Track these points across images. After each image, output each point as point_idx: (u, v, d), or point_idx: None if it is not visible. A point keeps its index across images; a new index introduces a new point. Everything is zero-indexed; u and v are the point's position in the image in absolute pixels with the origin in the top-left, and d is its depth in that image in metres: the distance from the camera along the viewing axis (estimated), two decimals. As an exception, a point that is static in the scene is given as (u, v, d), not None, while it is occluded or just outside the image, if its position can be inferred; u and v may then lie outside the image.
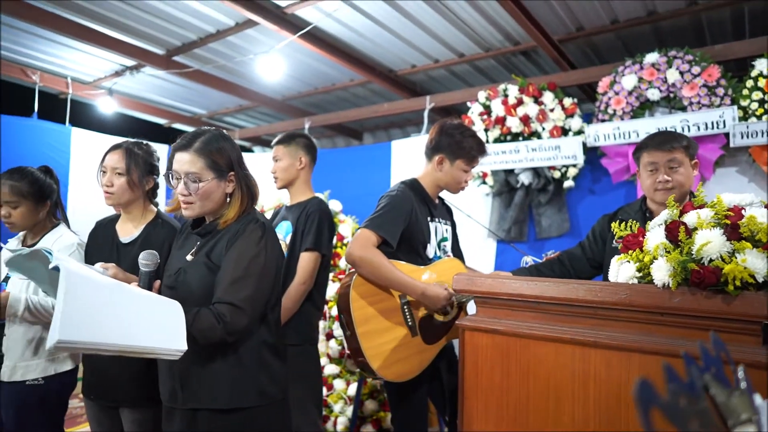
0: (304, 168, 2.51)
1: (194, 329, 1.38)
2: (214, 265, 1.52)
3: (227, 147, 1.59)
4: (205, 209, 1.58)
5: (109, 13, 3.90)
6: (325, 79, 4.99)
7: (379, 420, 3.14)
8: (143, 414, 1.89)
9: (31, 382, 2.02)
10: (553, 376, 1.41)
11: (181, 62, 4.63)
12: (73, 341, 1.13)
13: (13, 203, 2.09)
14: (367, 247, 1.97)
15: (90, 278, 1.28)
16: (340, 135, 6.69)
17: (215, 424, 1.50)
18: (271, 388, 1.56)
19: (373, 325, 1.96)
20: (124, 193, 1.96)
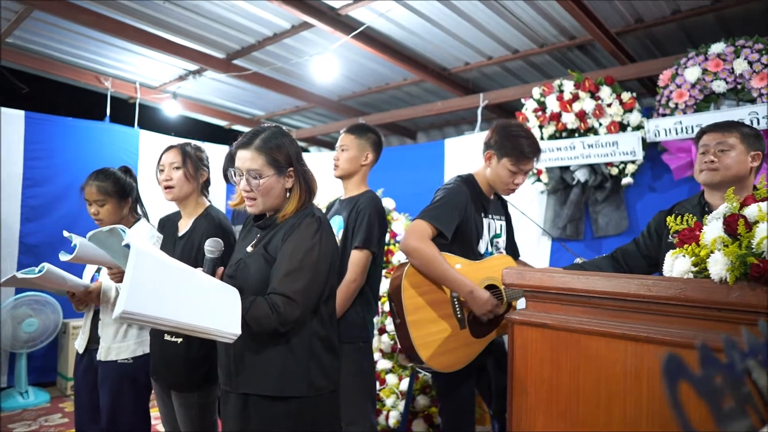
0: (367, 164, 2.49)
1: (249, 316, 1.44)
2: (271, 257, 1.58)
3: (286, 143, 1.64)
4: (267, 205, 1.63)
5: (174, 20, 4.11)
6: (379, 78, 5.06)
7: (431, 415, 3.15)
8: (188, 398, 2.01)
9: (122, 362, 2.19)
10: (604, 372, 1.39)
11: (240, 65, 4.81)
12: (136, 313, 1.21)
13: (100, 201, 2.27)
14: (423, 238, 1.99)
15: (157, 257, 1.38)
16: (393, 134, 6.74)
17: (265, 410, 1.55)
18: (321, 380, 1.59)
19: (422, 314, 1.99)
20: (183, 185, 2.11)
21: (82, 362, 2.35)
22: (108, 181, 2.30)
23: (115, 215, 2.32)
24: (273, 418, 1.54)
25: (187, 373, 1.94)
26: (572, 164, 3.85)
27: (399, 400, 3.26)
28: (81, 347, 2.35)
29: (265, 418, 1.55)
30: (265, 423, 1.54)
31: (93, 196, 2.28)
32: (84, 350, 2.33)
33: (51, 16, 3.98)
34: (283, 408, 1.54)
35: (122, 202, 2.34)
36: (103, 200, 2.29)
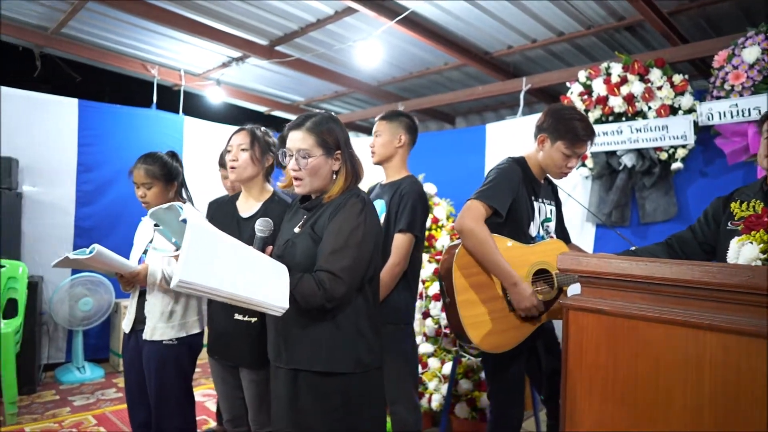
0: (402, 146, 2.52)
1: (297, 292, 1.50)
2: (317, 237, 1.63)
3: (335, 128, 1.70)
4: (314, 185, 1.69)
5: (219, 8, 4.17)
6: (420, 63, 5.03)
7: (474, 399, 3.18)
8: (258, 375, 2.07)
9: (167, 342, 2.28)
10: (663, 359, 1.38)
11: (282, 52, 4.86)
12: (192, 282, 1.28)
13: (147, 184, 2.35)
14: (477, 219, 2.00)
15: (212, 232, 1.45)
16: (432, 119, 6.71)
17: (314, 385, 1.61)
18: (367, 357, 1.64)
19: (472, 294, 2.00)
20: (247, 167, 2.13)
21: (129, 341, 2.43)
22: (155, 164, 2.37)
23: (161, 198, 2.38)
24: (322, 394, 1.60)
25: (260, 350, 2.01)
26: (619, 149, 3.77)
27: (441, 384, 3.30)
28: (128, 327, 2.42)
29: (314, 394, 1.61)
30: (315, 398, 1.60)
31: (141, 179, 2.36)
32: (131, 330, 2.42)
33: (103, 7, 4.10)
34: (331, 384, 1.60)
35: (168, 185, 2.41)
36: (150, 183, 2.36)
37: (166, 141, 5.28)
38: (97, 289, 4.47)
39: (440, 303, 3.25)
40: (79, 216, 4.78)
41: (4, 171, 4.05)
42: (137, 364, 2.37)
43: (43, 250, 4.53)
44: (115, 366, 4.76)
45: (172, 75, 5.60)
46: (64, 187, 4.70)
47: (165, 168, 2.38)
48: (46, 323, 4.48)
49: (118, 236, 4.85)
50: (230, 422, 2.27)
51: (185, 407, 2.36)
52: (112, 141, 4.94)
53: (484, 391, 3.21)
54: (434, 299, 3.30)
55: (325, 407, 1.59)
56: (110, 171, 4.91)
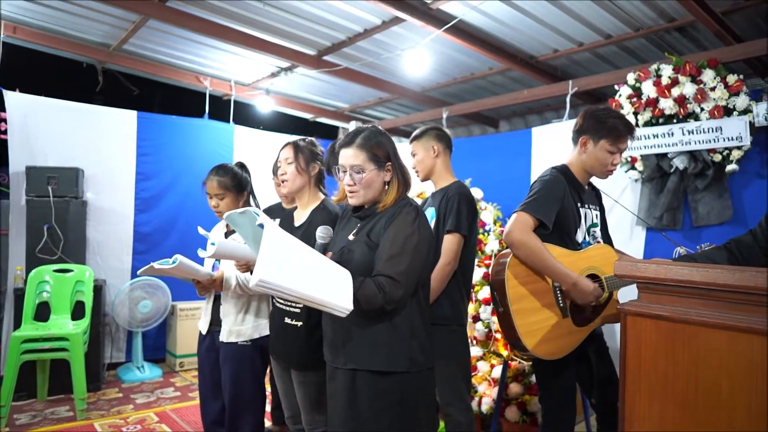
0: (438, 155, 2.62)
1: (359, 294, 1.58)
2: (373, 243, 1.73)
3: (384, 141, 1.81)
4: (368, 197, 1.79)
5: (269, 20, 4.33)
6: (464, 68, 5.07)
7: (524, 403, 3.19)
8: (306, 377, 2.17)
9: (242, 344, 2.43)
10: (726, 366, 1.38)
11: (330, 61, 4.98)
12: (270, 282, 1.37)
13: (220, 195, 2.49)
14: (526, 230, 2.05)
15: (285, 236, 1.56)
16: (475, 123, 6.72)
17: (372, 385, 1.69)
18: (420, 356, 1.72)
19: (526, 303, 2.04)
20: (295, 179, 2.25)
21: (205, 342, 2.58)
22: (227, 176, 2.51)
23: (232, 207, 2.50)
24: (379, 393, 1.68)
25: (306, 354, 2.11)
26: (670, 151, 3.71)
27: (491, 388, 3.33)
28: (204, 328, 2.58)
29: (372, 393, 1.68)
30: (373, 397, 1.68)
31: (214, 190, 2.50)
32: (207, 331, 2.57)
33: (162, 24, 4.32)
34: (388, 383, 1.68)
35: (239, 195, 2.54)
36: (223, 194, 2.50)
37: (218, 149, 5.49)
38: (155, 292, 4.69)
39: (490, 307, 3.28)
40: (138, 222, 5.02)
41: (71, 181, 4.30)
42: (212, 363, 2.51)
43: (105, 255, 4.79)
44: (171, 366, 4.96)
45: (223, 86, 5.81)
46: (124, 195, 4.95)
47: (236, 179, 2.51)
48: (109, 325, 4.72)
49: (173, 240, 5.09)
50: (290, 419, 2.38)
51: (257, 404, 2.50)
52: (167, 150, 5.17)
53: (534, 394, 3.22)
54: (484, 303, 3.33)
55: (382, 406, 1.67)
56: (166, 179, 5.14)
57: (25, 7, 4.24)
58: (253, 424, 2.49)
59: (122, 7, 3.98)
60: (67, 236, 4.23)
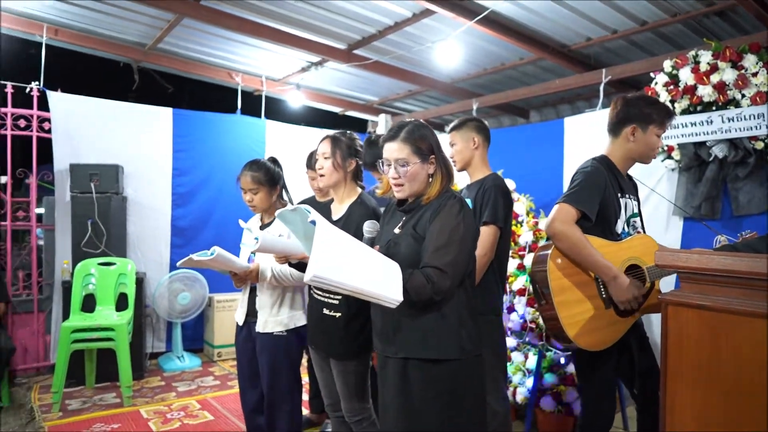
0: (478, 147, 2.63)
1: (409, 285, 1.62)
2: (419, 236, 1.76)
3: (427, 134, 1.84)
4: (413, 190, 1.82)
5: (299, 15, 4.37)
6: (495, 59, 5.04)
7: (559, 393, 3.20)
8: (346, 366, 2.22)
9: (277, 334, 2.49)
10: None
11: (360, 55, 5.01)
12: (323, 277, 1.42)
13: (254, 190, 2.54)
14: (568, 222, 2.06)
15: (337, 231, 1.60)
16: (505, 114, 6.67)
17: (424, 373, 1.73)
18: (469, 344, 1.75)
19: (568, 295, 2.05)
20: (332, 174, 2.28)
21: (242, 333, 2.66)
22: (260, 171, 2.55)
23: (266, 201, 2.57)
24: (431, 380, 1.72)
25: (346, 344, 2.16)
26: (709, 139, 3.63)
27: (525, 378, 3.34)
28: (240, 319, 2.65)
29: (424, 381, 1.72)
30: (425, 385, 1.72)
31: (248, 185, 2.55)
32: (243, 322, 2.64)
33: (195, 22, 4.41)
34: (439, 371, 1.71)
35: (272, 189, 2.59)
36: (257, 188, 2.55)
37: (250, 144, 5.59)
38: (193, 284, 4.83)
39: (524, 298, 3.29)
40: (175, 216, 5.16)
41: (111, 177, 4.45)
42: (249, 353, 2.58)
43: (145, 249, 4.95)
44: (209, 356, 5.11)
45: (254, 81, 5.90)
46: (161, 190, 5.09)
47: (269, 173, 2.56)
48: (150, 315, 4.88)
49: (209, 233, 5.21)
50: (330, 407, 2.44)
51: (294, 393, 2.56)
52: (202, 146, 5.29)
53: (569, 385, 3.22)
54: (518, 294, 3.34)
55: (434, 393, 1.71)
56: (201, 174, 5.27)
57: (65, 9, 4.38)
58: (290, 413, 2.56)
59: (158, 7, 4.09)
60: (110, 230, 4.39)
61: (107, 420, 3.52)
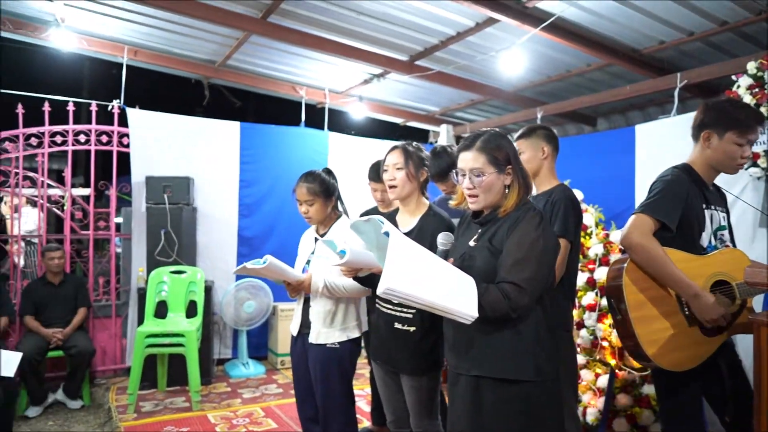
0: (547, 157, 2.53)
1: (484, 301, 1.55)
2: (496, 249, 1.69)
3: (504, 144, 1.76)
4: (488, 201, 1.76)
5: (361, 29, 4.43)
6: (560, 66, 4.91)
7: (634, 416, 3.02)
8: (418, 381, 2.18)
9: (330, 345, 2.47)
10: None
11: (422, 66, 5.01)
12: (397, 290, 1.39)
13: (309, 201, 2.54)
14: (645, 233, 1.94)
15: (411, 244, 1.56)
16: (571, 122, 6.48)
17: (497, 392, 1.65)
18: (547, 365, 1.66)
19: (646, 311, 1.93)
20: (405, 185, 2.25)
21: (297, 343, 2.65)
22: (315, 182, 2.54)
23: (322, 213, 2.56)
24: (504, 400, 1.64)
25: (419, 359, 2.12)
26: (799, 146, 3.36)
27: (596, 398, 3.18)
28: (295, 330, 2.65)
29: (497, 401, 1.65)
30: (497, 404, 1.65)
31: (303, 196, 2.54)
32: (297, 333, 2.64)
33: (263, 39, 4.56)
34: (513, 391, 1.64)
35: (327, 201, 2.58)
36: (312, 200, 2.54)
37: (313, 156, 5.69)
38: (258, 293, 4.95)
39: (595, 313, 3.14)
40: (241, 227, 5.32)
41: (183, 189, 4.64)
42: (304, 364, 2.58)
43: (213, 258, 5.11)
44: (273, 364, 5.20)
45: (317, 94, 6.03)
46: (228, 201, 5.27)
47: (324, 185, 2.55)
48: (217, 323, 5.03)
49: (273, 244, 5.33)
50: (393, 423, 2.40)
51: (348, 405, 2.54)
52: (268, 158, 5.44)
53: (644, 407, 3.04)
54: (588, 309, 3.20)
55: (507, 414, 1.64)
56: (266, 185, 5.41)
57: (144, 31, 4.65)
58: (344, 424, 2.52)
59: (228, 26, 4.26)
60: (181, 240, 4.58)
61: (178, 423, 3.64)
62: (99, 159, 4.85)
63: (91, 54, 5.15)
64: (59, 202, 4.77)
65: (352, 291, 2.40)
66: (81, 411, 3.95)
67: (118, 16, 4.37)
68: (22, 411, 3.78)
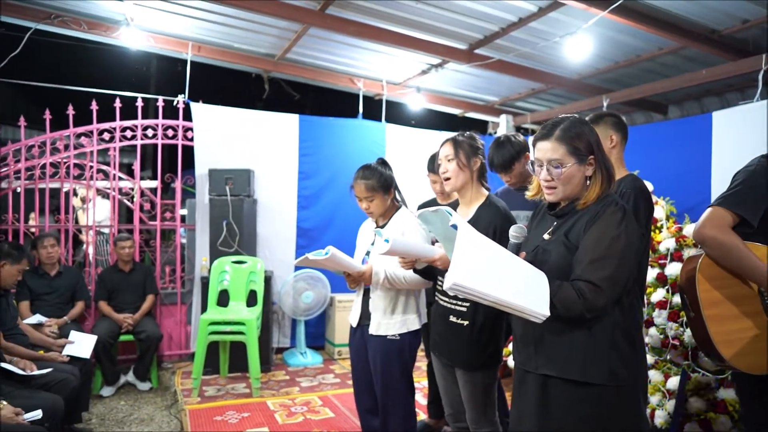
0: (615, 146, 2.40)
1: (557, 299, 1.47)
2: (572, 245, 1.59)
3: (586, 132, 1.64)
4: (567, 193, 1.65)
5: (419, 17, 4.36)
6: (629, 51, 4.66)
7: (708, 421, 2.84)
8: (472, 377, 2.12)
9: (390, 337, 2.46)
10: None
11: (482, 54, 4.89)
12: (464, 285, 1.33)
13: (369, 197, 2.50)
14: (721, 227, 1.79)
15: (480, 237, 1.51)
16: (639, 110, 6.16)
17: (566, 394, 1.58)
18: (622, 371, 1.56)
19: (722, 309, 1.79)
20: (458, 175, 2.20)
21: (356, 334, 2.65)
22: (373, 177, 2.49)
23: (382, 207, 2.52)
24: (573, 403, 1.57)
25: (474, 354, 2.07)
26: None
27: (665, 400, 3.01)
28: (354, 321, 2.64)
29: (564, 402, 1.58)
30: (565, 406, 1.58)
31: (362, 193, 2.50)
32: (357, 324, 2.64)
33: (321, 31, 4.58)
34: (583, 394, 1.56)
35: (386, 194, 2.53)
36: (371, 196, 2.50)
37: (371, 148, 5.68)
38: (316, 284, 5.01)
39: (665, 311, 2.97)
40: (300, 218, 5.39)
41: (244, 181, 4.75)
42: (363, 356, 2.58)
43: (272, 248, 5.21)
44: (330, 353, 5.26)
45: (375, 86, 6.01)
46: (287, 193, 5.35)
47: (381, 178, 2.51)
48: (276, 312, 5.14)
49: (332, 235, 5.37)
50: (451, 416, 2.36)
51: (408, 397, 2.52)
52: (326, 150, 5.48)
53: (721, 412, 2.85)
54: (658, 307, 3.02)
55: (577, 417, 1.56)
56: (325, 177, 5.46)
57: (207, 27, 4.77)
58: (403, 417, 2.51)
59: (288, 18, 4.30)
60: (242, 231, 4.69)
61: (238, 408, 3.74)
62: (165, 152, 5.04)
63: (158, 51, 5.35)
64: (129, 194, 4.99)
65: (412, 283, 2.38)
66: (149, 392, 4.13)
67: (182, 13, 4.50)
68: (97, 390, 4.01)
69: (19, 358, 2.93)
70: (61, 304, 4.06)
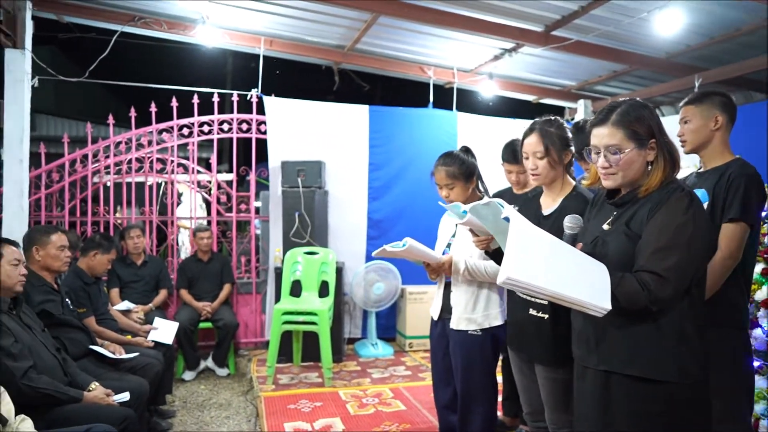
0: (720, 128, 2.18)
1: (618, 291, 1.40)
2: (634, 234, 1.52)
3: (646, 115, 1.55)
4: (626, 179, 1.57)
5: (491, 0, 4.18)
6: (727, 24, 4.24)
7: (825, 434, 2.55)
8: (554, 373, 2.00)
9: (472, 332, 2.39)
10: None
11: (559, 36, 4.64)
12: (518, 280, 1.28)
13: (449, 185, 2.43)
14: None
15: (534, 230, 1.45)
16: (737, 90, 5.63)
17: (629, 391, 1.49)
18: (693, 366, 1.47)
19: None
20: (548, 173, 2.05)
21: (437, 328, 2.60)
22: (454, 164, 2.42)
23: (463, 195, 2.44)
24: (638, 401, 1.48)
25: (554, 349, 1.95)
26: None
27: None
28: (435, 314, 2.59)
29: (629, 400, 1.50)
30: (629, 405, 1.50)
31: (443, 180, 2.43)
32: (438, 317, 2.57)
33: (390, 19, 4.51)
34: (650, 392, 1.47)
35: (468, 182, 2.45)
36: (452, 183, 2.43)
37: (442, 137, 5.56)
38: (387, 275, 4.98)
39: (773, 311, 2.69)
40: (371, 209, 5.38)
41: (315, 173, 4.80)
42: (443, 349, 2.52)
43: (343, 239, 5.24)
44: (401, 345, 5.23)
45: (445, 74, 5.88)
46: (358, 185, 5.35)
47: (463, 166, 2.43)
48: (347, 303, 5.16)
49: (403, 227, 5.32)
50: (529, 415, 2.25)
51: (489, 393, 2.44)
52: (396, 141, 5.42)
53: (838, 426, 2.54)
54: (763, 306, 2.74)
55: (641, 415, 1.47)
56: (395, 168, 5.41)
57: (278, 21, 4.83)
58: (484, 414, 2.43)
59: (357, 8, 4.26)
60: (314, 222, 4.74)
61: (311, 397, 3.79)
62: (240, 146, 5.18)
63: (232, 47, 5.49)
64: (207, 186, 5.18)
65: (494, 274, 2.28)
66: (227, 378, 4.28)
67: (255, 9, 4.58)
68: (179, 374, 4.20)
69: (110, 342, 3.10)
70: (146, 291, 4.28)
